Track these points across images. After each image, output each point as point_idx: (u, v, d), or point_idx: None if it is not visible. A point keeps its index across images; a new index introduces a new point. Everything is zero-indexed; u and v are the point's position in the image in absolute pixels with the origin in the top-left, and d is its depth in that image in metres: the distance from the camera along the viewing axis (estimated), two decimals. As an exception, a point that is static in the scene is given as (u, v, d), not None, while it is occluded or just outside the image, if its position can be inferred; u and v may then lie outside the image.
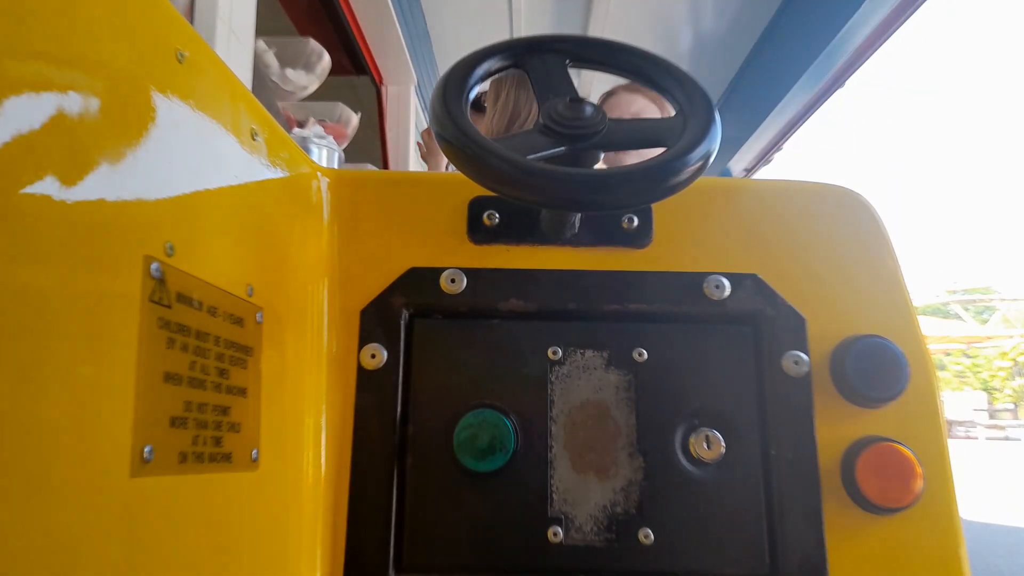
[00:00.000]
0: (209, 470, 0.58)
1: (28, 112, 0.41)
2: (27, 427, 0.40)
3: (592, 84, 4.24)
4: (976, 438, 21.45)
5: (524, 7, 3.95)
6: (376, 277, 0.86)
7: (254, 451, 0.67)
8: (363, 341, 0.84)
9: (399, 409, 0.83)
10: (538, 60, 0.84)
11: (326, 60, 2.65)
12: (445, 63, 4.46)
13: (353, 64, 3.42)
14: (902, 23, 3.28)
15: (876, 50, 3.53)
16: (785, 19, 3.95)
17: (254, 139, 0.71)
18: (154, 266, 0.52)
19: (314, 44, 2.60)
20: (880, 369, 0.83)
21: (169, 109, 0.56)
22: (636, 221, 0.89)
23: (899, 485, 0.80)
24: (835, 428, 0.84)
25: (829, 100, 4.08)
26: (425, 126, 4.14)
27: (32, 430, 0.40)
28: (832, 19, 3.34)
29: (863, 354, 0.84)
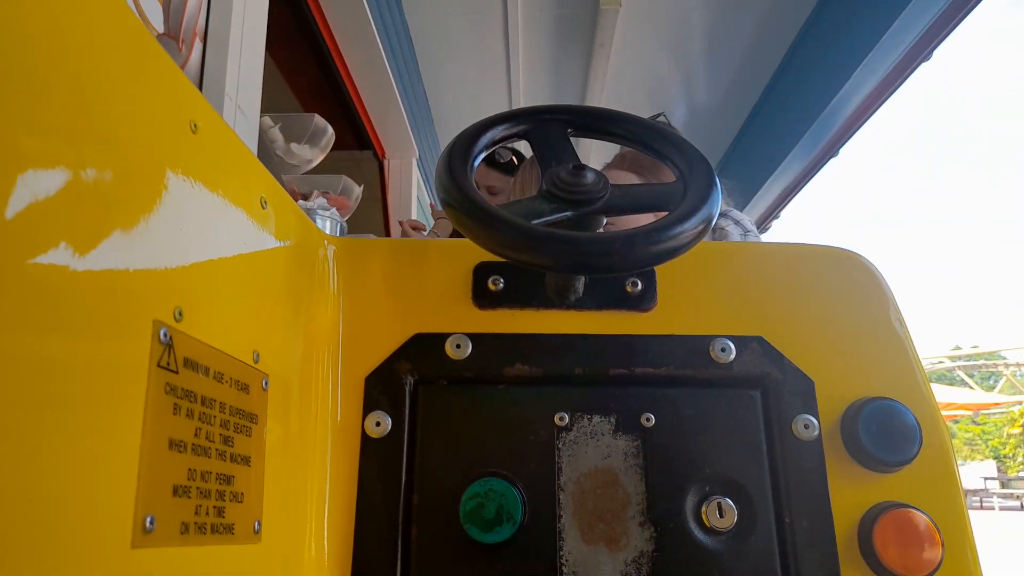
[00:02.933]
0: (211, 542, 0.57)
1: (42, 182, 0.42)
2: (29, 495, 0.39)
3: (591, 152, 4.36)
4: (992, 508, 20.85)
5: (523, 82, 4.08)
6: (381, 343, 0.86)
7: (256, 522, 0.65)
8: (368, 408, 0.83)
9: (404, 478, 0.81)
10: (540, 129, 0.87)
11: (330, 134, 2.72)
12: (446, 136, 4.57)
13: (356, 139, 3.52)
14: (894, 90, 3.34)
15: (869, 118, 3.61)
16: (777, 90, 4.07)
17: (263, 207, 0.72)
18: (163, 331, 0.52)
19: (318, 119, 2.67)
20: (892, 432, 0.82)
21: (181, 178, 0.57)
22: (640, 285, 0.90)
23: (919, 553, 0.78)
24: (850, 494, 0.82)
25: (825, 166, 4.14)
26: (427, 199, 4.21)
27: (34, 498, 0.39)
28: (824, 89, 3.44)
29: (874, 417, 0.82)
